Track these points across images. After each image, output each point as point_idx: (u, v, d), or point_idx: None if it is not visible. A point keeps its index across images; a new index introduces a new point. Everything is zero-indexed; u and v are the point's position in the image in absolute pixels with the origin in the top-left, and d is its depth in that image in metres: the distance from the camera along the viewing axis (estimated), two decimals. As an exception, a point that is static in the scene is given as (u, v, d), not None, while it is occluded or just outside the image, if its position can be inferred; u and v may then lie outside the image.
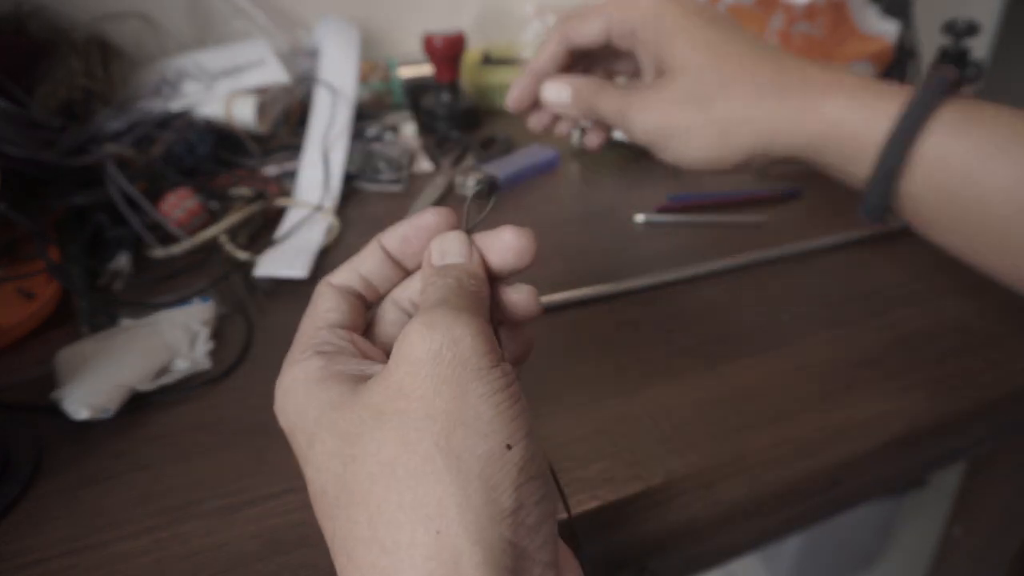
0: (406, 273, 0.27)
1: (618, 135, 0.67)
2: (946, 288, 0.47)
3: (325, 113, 0.66)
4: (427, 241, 0.26)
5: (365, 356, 0.25)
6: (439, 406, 0.20)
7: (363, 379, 0.23)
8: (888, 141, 0.33)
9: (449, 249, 0.25)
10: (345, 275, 0.27)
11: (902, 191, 0.34)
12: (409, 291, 0.27)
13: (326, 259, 0.52)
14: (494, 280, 0.26)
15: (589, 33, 0.40)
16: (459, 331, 0.21)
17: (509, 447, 0.20)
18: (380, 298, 0.28)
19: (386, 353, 0.26)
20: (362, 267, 0.27)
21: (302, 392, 0.23)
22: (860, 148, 0.34)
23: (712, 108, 0.37)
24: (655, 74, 0.40)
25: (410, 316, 0.27)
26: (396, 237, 0.27)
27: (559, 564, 0.21)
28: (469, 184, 0.60)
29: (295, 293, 0.48)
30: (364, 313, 0.27)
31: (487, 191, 0.25)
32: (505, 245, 0.25)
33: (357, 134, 0.68)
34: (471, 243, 0.26)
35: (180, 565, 0.29)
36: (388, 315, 0.27)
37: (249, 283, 0.48)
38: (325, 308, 0.26)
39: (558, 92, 0.42)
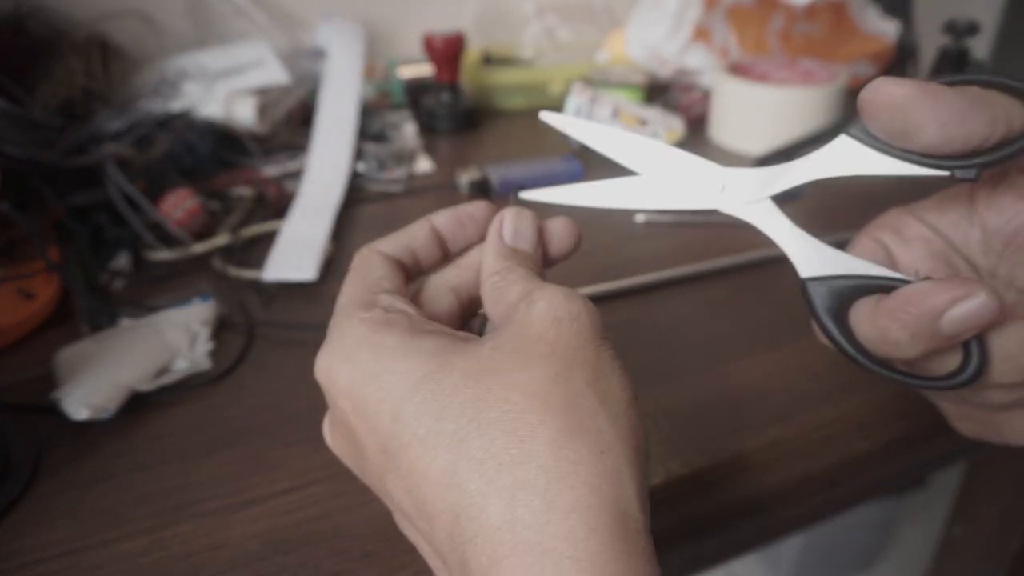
0: (445, 254, 0.29)
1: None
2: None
3: (331, 112, 0.66)
4: (477, 231, 0.29)
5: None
6: (585, 357, 0.22)
7: (460, 338, 0.23)
8: None
9: (522, 231, 0.27)
10: (393, 245, 0.28)
11: None
12: (460, 276, 0.28)
13: (327, 260, 0.52)
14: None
15: None
16: (591, 305, 0.23)
17: (635, 398, 0.23)
18: (416, 276, 0.28)
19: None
20: (413, 242, 0.28)
21: (393, 339, 0.23)
22: None
23: None
24: None
25: (459, 302, 0.28)
26: (451, 219, 0.28)
27: None
28: (463, 182, 0.60)
29: (296, 293, 0.48)
30: (404, 288, 0.27)
31: (478, 190, 0.27)
32: (562, 242, 0.28)
33: (358, 133, 0.68)
34: (538, 233, 0.28)
35: (180, 565, 0.29)
36: (436, 294, 0.28)
37: (253, 285, 0.49)
38: (378, 275, 0.26)
39: None
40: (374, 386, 0.22)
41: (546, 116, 0.29)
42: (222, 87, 0.65)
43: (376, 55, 0.84)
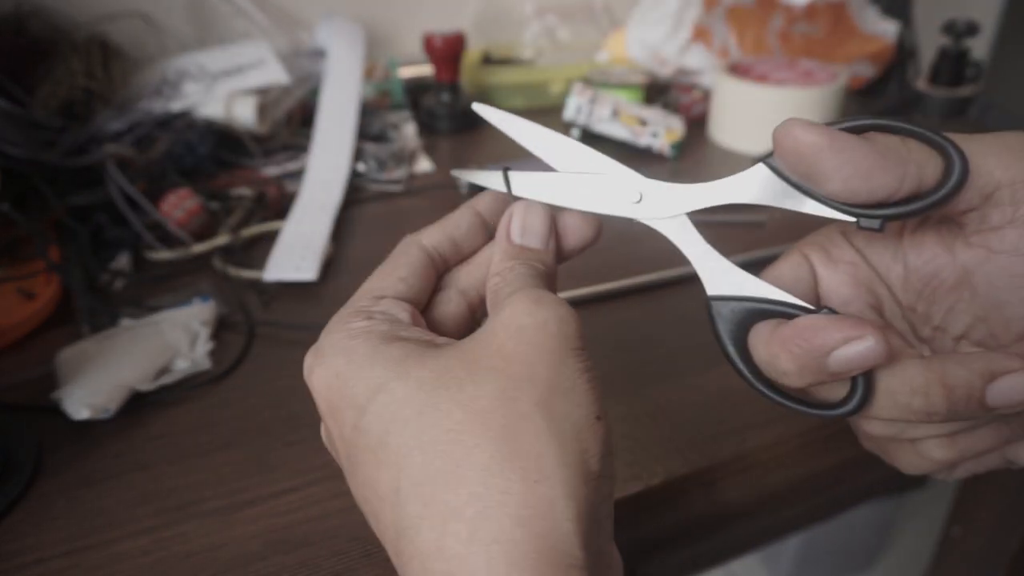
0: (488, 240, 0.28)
1: (613, 131, 0.67)
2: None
3: (331, 112, 0.66)
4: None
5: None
6: (541, 372, 0.21)
7: (432, 345, 0.23)
8: None
9: (531, 227, 0.26)
10: (437, 237, 0.27)
11: None
12: (470, 276, 0.27)
13: (327, 260, 0.52)
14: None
15: None
16: (563, 311, 0.22)
17: (599, 418, 0.21)
18: (449, 268, 0.28)
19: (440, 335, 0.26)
20: (456, 230, 0.27)
21: (364, 343, 0.22)
22: None
23: None
24: None
25: (468, 304, 0.27)
26: (494, 202, 0.28)
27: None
28: (463, 182, 0.61)
29: (296, 293, 0.48)
30: (432, 287, 0.27)
31: (478, 190, 0.27)
32: (578, 233, 0.27)
33: (358, 133, 0.68)
34: (551, 227, 0.27)
35: (180, 565, 0.29)
36: (444, 296, 0.27)
37: (253, 285, 0.49)
38: (400, 275, 0.25)
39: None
40: (341, 393, 0.22)
41: (478, 107, 0.28)
42: (222, 87, 0.65)
43: (376, 55, 0.84)
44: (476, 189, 0.28)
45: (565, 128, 0.74)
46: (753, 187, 0.24)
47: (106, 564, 0.29)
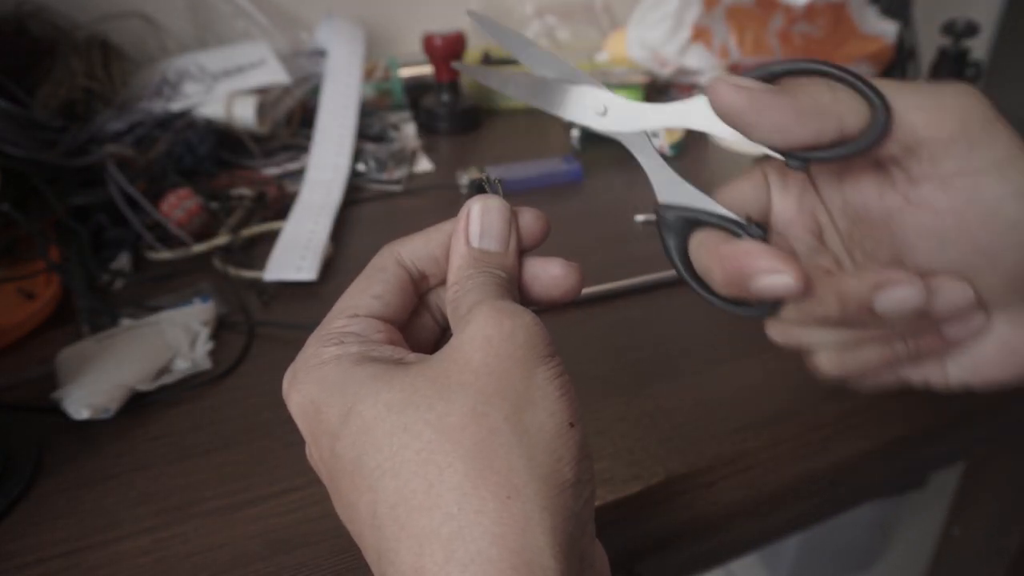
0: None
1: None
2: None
3: (332, 112, 0.66)
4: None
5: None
6: (509, 384, 0.21)
7: (401, 363, 0.22)
8: None
9: (490, 228, 0.25)
10: (416, 250, 0.25)
11: None
12: (435, 290, 0.26)
13: (327, 260, 0.52)
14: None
15: None
16: (528, 319, 0.22)
17: (572, 425, 0.21)
18: (431, 285, 0.26)
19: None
20: (437, 249, 0.25)
21: (335, 369, 0.22)
22: None
23: None
24: None
25: (434, 317, 0.27)
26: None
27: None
28: (463, 182, 0.61)
29: (296, 293, 0.48)
30: (412, 303, 0.26)
31: (478, 190, 0.27)
32: (554, 281, 0.25)
33: (358, 133, 0.68)
34: (512, 228, 0.25)
35: (180, 565, 0.29)
36: (415, 314, 0.26)
37: (253, 285, 0.49)
38: (375, 293, 0.24)
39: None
40: (316, 419, 0.22)
41: (472, 13, 0.30)
42: (222, 87, 0.65)
43: (376, 55, 0.84)
44: (476, 189, 0.28)
45: (566, 127, 0.74)
46: (697, 115, 0.27)
47: (106, 564, 0.29)
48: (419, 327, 0.27)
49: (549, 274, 0.26)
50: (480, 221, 0.25)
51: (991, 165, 0.23)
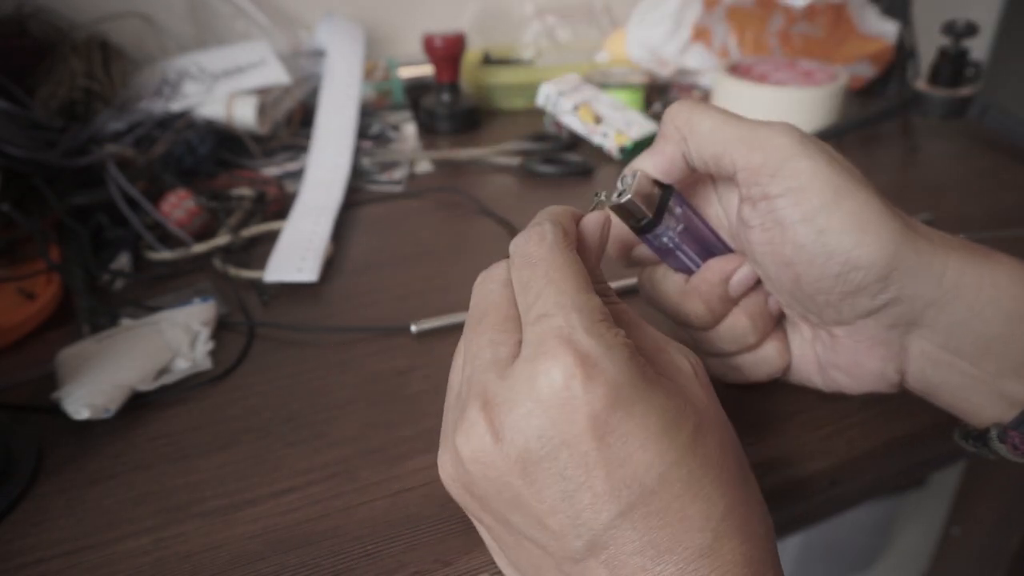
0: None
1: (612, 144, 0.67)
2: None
3: (331, 112, 0.66)
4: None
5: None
6: (716, 411, 0.25)
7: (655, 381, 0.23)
8: None
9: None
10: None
11: None
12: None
13: (327, 260, 0.52)
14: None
15: None
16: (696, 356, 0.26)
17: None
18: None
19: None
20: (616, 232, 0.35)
21: (628, 391, 0.21)
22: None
23: None
24: None
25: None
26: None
27: None
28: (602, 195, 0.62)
29: (296, 293, 0.48)
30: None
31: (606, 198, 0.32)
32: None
33: (358, 133, 0.68)
34: None
35: (180, 565, 0.29)
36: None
37: (253, 285, 0.49)
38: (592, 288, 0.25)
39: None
40: (639, 441, 0.21)
41: None
42: (223, 87, 0.65)
43: (376, 55, 0.84)
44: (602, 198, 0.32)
45: (542, 115, 0.75)
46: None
47: (106, 564, 0.29)
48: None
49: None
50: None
51: (787, 191, 0.27)
